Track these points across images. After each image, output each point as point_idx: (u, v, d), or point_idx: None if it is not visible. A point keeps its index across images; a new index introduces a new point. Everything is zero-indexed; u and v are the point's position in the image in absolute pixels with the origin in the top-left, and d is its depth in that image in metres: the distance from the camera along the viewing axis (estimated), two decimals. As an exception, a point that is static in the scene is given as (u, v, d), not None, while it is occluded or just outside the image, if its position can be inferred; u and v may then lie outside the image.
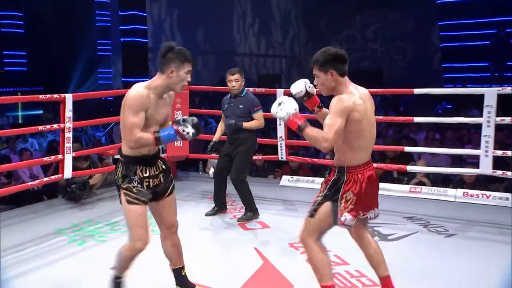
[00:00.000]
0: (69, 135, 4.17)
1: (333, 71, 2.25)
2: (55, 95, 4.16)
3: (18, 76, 13.46)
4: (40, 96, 4.11)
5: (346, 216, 2.25)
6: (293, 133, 7.96)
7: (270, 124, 9.86)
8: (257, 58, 20.11)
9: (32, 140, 7.69)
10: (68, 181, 4.44)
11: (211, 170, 5.58)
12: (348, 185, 2.26)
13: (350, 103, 2.21)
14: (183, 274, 2.57)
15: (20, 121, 11.84)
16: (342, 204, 2.25)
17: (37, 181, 4.25)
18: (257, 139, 4.35)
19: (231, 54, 19.67)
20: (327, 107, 2.30)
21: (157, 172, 2.39)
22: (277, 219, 4.04)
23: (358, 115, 2.22)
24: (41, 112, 11.37)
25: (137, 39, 12.08)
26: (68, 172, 4.18)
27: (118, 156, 2.43)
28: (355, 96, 2.24)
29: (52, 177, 4.22)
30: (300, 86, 2.43)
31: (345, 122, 2.19)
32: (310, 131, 2.21)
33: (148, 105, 2.24)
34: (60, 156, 4.16)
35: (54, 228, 3.72)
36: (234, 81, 3.99)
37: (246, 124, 4.00)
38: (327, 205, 2.28)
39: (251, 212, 4.06)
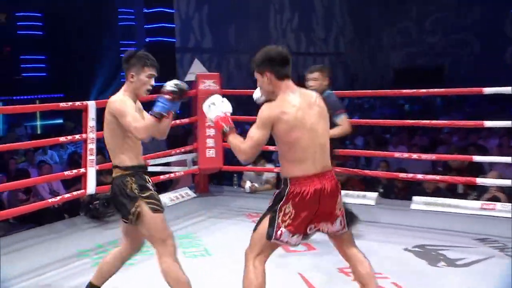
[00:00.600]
0: (92, 146, 4.28)
1: (269, 73, 2.31)
2: (77, 103, 4.28)
3: (37, 82, 14.00)
4: (61, 104, 4.25)
5: (282, 231, 2.30)
6: (341, 141, 7.88)
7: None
8: (296, 57, 20.12)
9: (52, 152, 7.97)
10: (91, 197, 4.55)
11: (248, 184, 5.60)
12: (289, 197, 2.29)
13: (275, 113, 2.25)
14: None
15: (38, 132, 12.33)
16: (280, 218, 2.30)
17: (58, 197, 4.37)
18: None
19: (267, 54, 19.82)
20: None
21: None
22: (324, 240, 3.95)
23: (285, 126, 2.25)
24: (61, 121, 11.78)
25: (164, 39, 12.34)
26: (91, 187, 4.29)
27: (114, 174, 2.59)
28: (286, 103, 2.27)
29: (74, 193, 4.33)
30: (258, 91, 2.50)
31: (270, 134, 2.28)
32: (233, 139, 2.33)
33: (134, 106, 2.55)
34: (82, 170, 4.27)
35: (77, 250, 3.81)
36: (312, 80, 3.82)
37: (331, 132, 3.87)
38: (267, 218, 2.34)
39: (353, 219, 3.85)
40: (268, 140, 2.34)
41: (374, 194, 5.06)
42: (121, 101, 2.53)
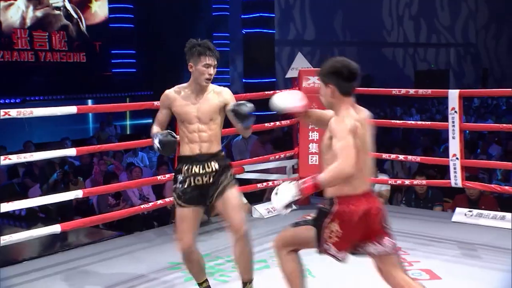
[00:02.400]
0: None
1: (333, 87, 2.52)
2: (155, 103, 4.50)
3: (126, 78, 14.91)
4: (155, 103, 4.49)
5: (330, 247, 2.57)
6: (471, 150, 7.49)
7: (436, 136, 9.51)
8: (414, 48, 19.48)
9: (142, 154, 8.48)
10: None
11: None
12: (336, 216, 2.51)
13: (353, 123, 2.46)
14: None
15: (128, 132, 13.15)
16: (326, 234, 2.55)
17: (150, 203, 4.63)
18: (419, 157, 4.18)
19: (379, 45, 19.35)
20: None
21: (203, 171, 3.03)
22: (450, 268, 3.87)
23: (358, 142, 2.45)
24: (150, 121, 12.45)
25: (262, 30, 12.52)
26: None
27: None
28: (355, 120, 2.49)
29: (167, 199, 4.56)
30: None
31: (330, 144, 2.46)
32: (326, 174, 2.42)
33: (169, 102, 3.08)
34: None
35: (168, 262, 4.01)
36: None
37: None
38: (309, 228, 2.61)
39: None
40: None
41: (513, 215, 4.75)
42: (163, 95, 3.11)
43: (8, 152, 8.11)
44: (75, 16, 14.37)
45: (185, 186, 3.02)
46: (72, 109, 3.83)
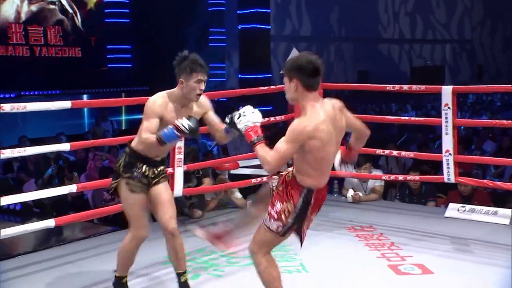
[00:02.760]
0: (180, 144, 4.50)
1: (297, 81, 2.62)
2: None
3: (122, 74, 14.90)
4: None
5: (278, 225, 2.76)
6: (465, 146, 7.53)
7: (429, 133, 9.54)
8: (410, 44, 19.50)
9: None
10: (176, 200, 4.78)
11: (350, 192, 5.55)
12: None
13: (309, 129, 2.56)
14: (182, 280, 3.28)
15: (123, 127, 13.13)
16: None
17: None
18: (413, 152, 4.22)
19: (375, 41, 19.37)
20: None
21: (156, 173, 3.18)
22: (443, 262, 3.90)
23: (318, 143, 2.58)
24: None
25: (258, 26, 12.54)
26: (178, 189, 4.51)
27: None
28: (319, 119, 2.58)
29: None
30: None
31: (300, 148, 2.59)
32: (260, 149, 2.64)
33: (162, 112, 3.02)
34: (170, 170, 4.49)
35: (164, 257, 4.02)
36: None
37: None
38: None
39: None
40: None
41: (508, 211, 4.78)
42: (153, 102, 3.04)
43: (3, 147, 8.10)
44: (70, 10, 14.33)
45: (141, 178, 3.14)
46: (66, 104, 3.83)
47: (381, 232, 4.55)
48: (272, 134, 8.24)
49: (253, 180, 5.36)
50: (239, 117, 2.77)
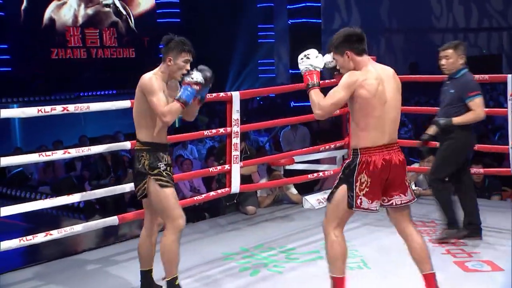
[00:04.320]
0: (236, 140, 4.48)
1: (349, 52, 2.77)
2: (221, 94, 4.50)
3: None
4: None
5: (362, 199, 2.75)
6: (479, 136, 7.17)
7: (489, 123, 9.15)
8: (464, 34, 18.79)
9: (192, 146, 8.54)
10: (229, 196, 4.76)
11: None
12: (362, 167, 2.74)
13: (359, 78, 2.72)
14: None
15: (177, 125, 13.30)
16: (357, 187, 2.75)
17: (202, 195, 4.64)
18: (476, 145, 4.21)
19: (427, 31, 18.79)
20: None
21: (170, 162, 3.12)
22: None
23: (366, 93, 2.72)
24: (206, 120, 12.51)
25: (308, 20, 12.42)
26: (236, 185, 4.48)
27: (138, 147, 3.06)
28: (370, 74, 2.74)
29: (219, 191, 4.56)
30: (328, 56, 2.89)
31: (350, 98, 2.73)
32: (314, 93, 2.78)
33: (162, 87, 2.99)
34: (227, 167, 4.48)
35: (222, 253, 4.02)
36: (444, 58, 4.01)
37: (458, 120, 3.90)
38: (343, 188, 2.79)
39: (454, 227, 4.00)
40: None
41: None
42: (150, 79, 2.98)
43: (65, 146, 8.33)
44: (124, 12, 14.61)
45: (168, 169, 3.06)
46: (126, 104, 3.86)
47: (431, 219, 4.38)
48: (324, 130, 8.15)
49: (309, 176, 5.28)
50: (302, 58, 2.84)
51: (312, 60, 2.83)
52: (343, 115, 5.49)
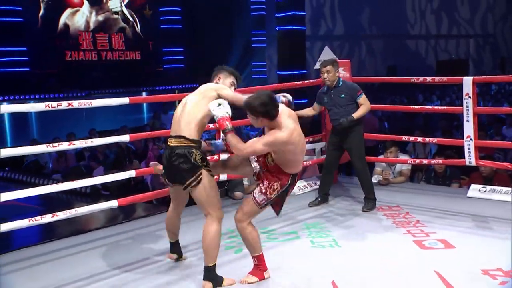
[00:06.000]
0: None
1: (264, 119, 2.89)
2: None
3: (175, 73, 15.16)
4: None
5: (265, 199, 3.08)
6: (483, 131, 7.29)
7: (453, 121, 9.25)
8: (436, 40, 18.93)
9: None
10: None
11: (377, 176, 5.46)
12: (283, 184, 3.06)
13: (284, 139, 2.88)
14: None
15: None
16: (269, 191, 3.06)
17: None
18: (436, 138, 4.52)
19: (403, 37, 18.90)
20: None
21: None
22: (464, 238, 3.81)
23: (293, 148, 2.93)
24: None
25: (294, 27, 12.48)
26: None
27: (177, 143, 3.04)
28: (290, 129, 2.90)
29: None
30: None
31: (276, 151, 2.94)
32: (232, 137, 2.90)
33: None
34: (216, 157, 4.53)
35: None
36: (326, 72, 4.56)
37: (357, 114, 4.50)
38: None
39: (373, 201, 4.60)
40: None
41: (526, 191, 4.61)
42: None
43: (78, 138, 8.38)
44: (131, 19, 14.62)
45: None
46: (125, 100, 3.92)
47: (407, 211, 4.48)
48: (304, 125, 8.22)
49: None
50: (218, 105, 2.94)
51: (225, 108, 2.91)
52: (322, 112, 5.57)
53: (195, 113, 3.05)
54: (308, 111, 5.03)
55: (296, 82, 5.70)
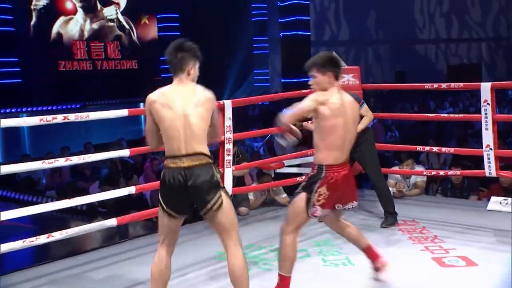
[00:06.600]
0: (229, 146, 4.49)
1: (330, 73, 2.95)
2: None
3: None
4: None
5: (317, 209, 2.97)
6: (501, 139, 7.24)
7: (467, 129, 9.20)
8: (446, 44, 18.95)
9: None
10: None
11: (392, 188, 5.39)
12: (325, 181, 2.93)
13: (322, 97, 2.91)
14: None
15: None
16: (315, 197, 2.95)
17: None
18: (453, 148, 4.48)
19: (411, 42, 18.92)
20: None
21: None
22: (486, 254, 3.74)
23: (327, 111, 2.90)
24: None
25: (298, 33, 12.48)
26: (228, 188, 4.47)
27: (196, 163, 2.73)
28: (333, 96, 2.92)
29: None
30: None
31: (315, 114, 2.93)
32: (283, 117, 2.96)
33: None
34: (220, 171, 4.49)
35: (216, 252, 4.02)
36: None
37: (360, 127, 4.26)
38: (302, 195, 2.99)
39: (393, 216, 4.49)
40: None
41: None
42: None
43: (71, 153, 8.34)
44: (127, 27, 14.66)
45: None
46: (123, 112, 3.88)
47: (423, 226, 4.41)
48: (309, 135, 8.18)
49: (298, 179, 5.29)
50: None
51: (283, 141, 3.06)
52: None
53: (202, 126, 2.77)
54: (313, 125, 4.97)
55: (303, 91, 5.64)
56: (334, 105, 2.90)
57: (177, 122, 2.75)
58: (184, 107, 2.77)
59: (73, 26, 13.64)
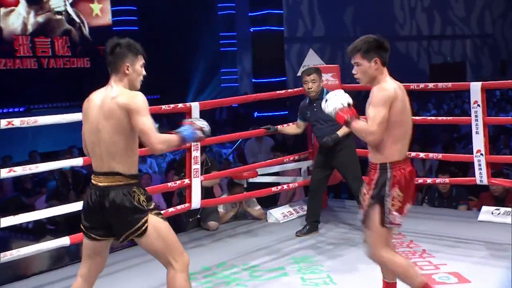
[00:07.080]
0: (196, 154, 4.46)
1: (378, 59, 2.84)
2: (180, 105, 4.49)
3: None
4: (163, 107, 4.47)
5: (395, 216, 2.79)
6: (495, 146, 7.38)
7: (455, 132, 9.38)
8: (428, 41, 19.34)
9: (151, 160, 8.45)
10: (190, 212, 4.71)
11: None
12: (394, 181, 2.78)
13: (393, 91, 2.79)
14: None
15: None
16: (389, 203, 2.78)
17: (162, 211, 4.57)
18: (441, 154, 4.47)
19: (391, 39, 19.19)
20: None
21: None
22: (479, 270, 3.78)
23: (401, 105, 2.80)
24: (156, 125, 12.44)
25: (270, 28, 12.49)
26: (196, 200, 4.45)
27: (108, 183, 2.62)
28: (395, 86, 2.83)
29: (179, 207, 4.52)
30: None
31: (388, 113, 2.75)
32: (356, 124, 2.81)
33: None
34: (186, 181, 4.45)
35: (201, 267, 3.98)
36: (311, 82, 4.56)
37: (343, 131, 4.45)
38: (376, 208, 2.81)
39: None
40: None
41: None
42: (141, 96, 2.68)
43: (14, 163, 8.11)
44: (77, 20, 14.41)
45: None
46: (78, 116, 3.79)
47: (411, 240, 4.45)
48: (286, 141, 8.21)
49: (273, 189, 5.29)
50: (326, 102, 2.89)
51: (335, 100, 2.85)
52: (307, 126, 5.53)
53: (114, 139, 2.60)
54: (291, 129, 5.02)
55: (278, 92, 5.65)
56: (402, 97, 2.81)
57: (91, 137, 2.68)
58: (97, 120, 2.66)
59: (15, 19, 13.31)
